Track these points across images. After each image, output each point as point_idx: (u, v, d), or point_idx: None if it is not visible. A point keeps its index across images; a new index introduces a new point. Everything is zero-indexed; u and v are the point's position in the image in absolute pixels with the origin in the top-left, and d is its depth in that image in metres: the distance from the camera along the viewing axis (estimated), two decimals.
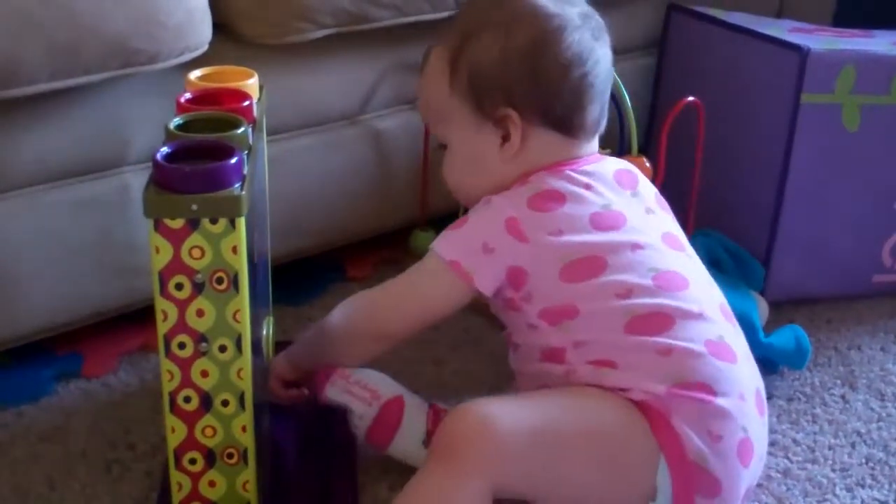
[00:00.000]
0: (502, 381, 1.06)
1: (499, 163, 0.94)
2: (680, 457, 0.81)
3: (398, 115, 1.31)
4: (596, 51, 0.95)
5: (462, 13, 1.00)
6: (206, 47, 1.07)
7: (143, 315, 1.16)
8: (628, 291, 0.86)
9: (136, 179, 1.09)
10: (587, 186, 0.92)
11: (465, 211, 0.98)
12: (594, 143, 0.99)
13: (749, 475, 0.86)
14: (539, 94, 0.93)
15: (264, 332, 0.97)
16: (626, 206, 0.93)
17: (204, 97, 0.91)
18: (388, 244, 1.38)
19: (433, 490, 0.81)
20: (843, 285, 1.33)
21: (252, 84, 0.95)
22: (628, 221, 0.91)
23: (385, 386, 0.98)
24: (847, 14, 1.69)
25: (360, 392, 0.97)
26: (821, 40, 1.29)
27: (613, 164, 0.97)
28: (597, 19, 0.97)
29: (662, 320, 0.85)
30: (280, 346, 1.05)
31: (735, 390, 0.84)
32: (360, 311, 0.97)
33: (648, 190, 0.98)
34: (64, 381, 1.11)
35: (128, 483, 0.96)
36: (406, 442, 0.95)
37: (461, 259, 0.90)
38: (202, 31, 1.05)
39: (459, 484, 0.79)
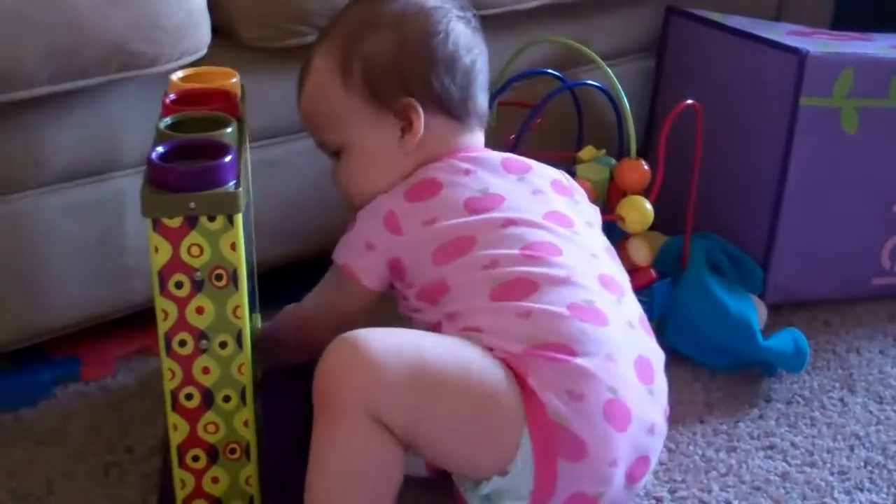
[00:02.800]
0: None
1: (399, 155, 0.96)
2: (539, 416, 0.79)
3: None
4: (478, 42, 0.99)
5: (340, 18, 1.00)
6: (204, 50, 1.07)
7: (140, 318, 1.16)
8: (494, 262, 0.87)
9: (135, 183, 1.09)
10: (466, 172, 0.94)
11: None
12: (481, 139, 1.01)
13: (629, 442, 0.82)
14: (436, 79, 0.95)
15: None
16: (508, 189, 0.93)
17: (188, 97, 0.92)
18: None
19: (323, 439, 0.80)
20: (842, 288, 1.33)
21: (234, 84, 0.96)
22: (506, 202, 0.92)
23: None
24: (845, 17, 1.69)
25: None
26: (819, 43, 1.29)
27: (502, 154, 0.98)
28: (473, 14, 1.01)
29: (526, 285, 0.85)
30: None
31: (601, 351, 0.82)
32: (286, 329, 1.01)
33: (543, 175, 0.97)
34: (62, 385, 1.11)
35: (126, 486, 0.96)
36: None
37: (350, 260, 0.93)
38: (201, 35, 1.06)
39: (341, 419, 0.78)
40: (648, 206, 1.14)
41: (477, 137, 1.00)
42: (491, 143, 1.37)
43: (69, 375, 1.12)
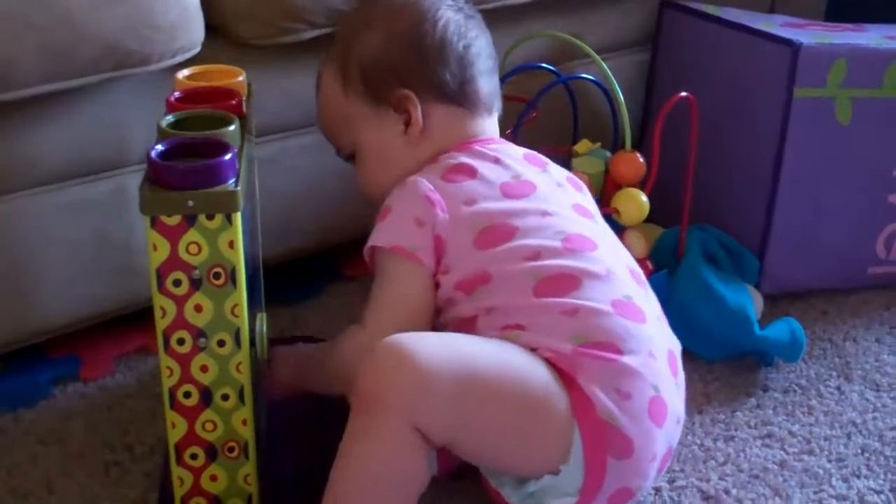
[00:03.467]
0: None
1: (407, 148, 0.96)
2: (589, 416, 0.80)
3: None
4: (472, 28, 0.99)
5: (338, 24, 1.04)
6: (198, 48, 1.07)
7: (140, 317, 1.16)
8: (536, 254, 0.87)
9: (132, 181, 1.09)
10: (495, 160, 0.94)
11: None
12: (495, 125, 1.01)
13: (665, 436, 0.84)
14: (428, 67, 0.96)
15: (257, 329, 0.98)
16: (536, 178, 0.95)
17: (194, 96, 0.92)
18: None
19: (357, 442, 0.79)
20: (838, 278, 1.33)
21: (240, 82, 0.96)
22: (538, 190, 0.93)
23: None
24: (839, 9, 1.70)
25: None
26: (812, 34, 1.29)
27: (521, 149, 0.99)
28: (466, 2, 1.02)
29: (569, 281, 0.85)
30: (274, 342, 1.05)
31: (644, 348, 0.83)
32: (352, 356, 0.88)
33: (559, 171, 0.99)
34: (61, 384, 1.11)
35: (126, 485, 0.97)
36: None
37: (401, 241, 0.90)
38: (195, 33, 1.06)
39: (380, 424, 0.78)
40: (644, 198, 1.15)
41: (489, 125, 1.00)
42: None
43: (68, 375, 1.12)
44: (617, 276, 0.88)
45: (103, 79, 1.00)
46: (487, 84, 0.99)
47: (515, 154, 0.97)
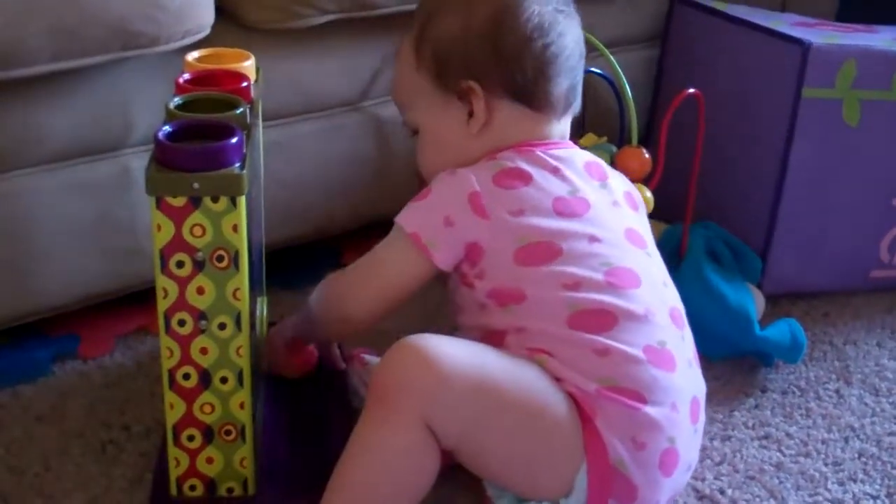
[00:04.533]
0: None
1: (466, 139, 0.93)
2: (600, 459, 0.80)
3: None
4: (560, 23, 0.94)
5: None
6: (207, 31, 1.07)
7: (140, 297, 1.16)
8: (577, 284, 0.85)
9: (136, 162, 1.09)
10: (555, 170, 0.91)
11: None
12: (565, 126, 0.97)
13: (671, 484, 0.85)
14: (500, 64, 0.92)
15: (258, 313, 0.98)
16: (592, 195, 0.91)
17: (202, 78, 0.92)
18: (385, 232, 1.38)
19: (370, 430, 0.80)
20: (841, 280, 1.33)
21: (249, 66, 0.96)
22: (591, 210, 0.90)
23: None
24: (850, 9, 1.69)
25: (368, 380, 1.00)
26: (822, 34, 1.28)
27: (584, 155, 0.96)
28: None
29: (605, 318, 0.84)
30: (273, 325, 1.06)
31: (668, 400, 0.83)
32: (328, 292, 0.96)
33: (618, 185, 0.96)
34: (60, 362, 1.11)
35: (122, 464, 0.97)
36: None
37: (421, 231, 0.88)
38: (204, 15, 1.05)
39: (397, 416, 0.78)
40: (649, 193, 1.15)
41: (558, 127, 0.96)
42: None
43: (68, 353, 1.12)
44: (655, 318, 0.86)
45: (110, 59, 1.00)
46: (563, 84, 0.94)
47: (577, 163, 0.93)
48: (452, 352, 0.80)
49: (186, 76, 0.91)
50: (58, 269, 1.07)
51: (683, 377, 0.86)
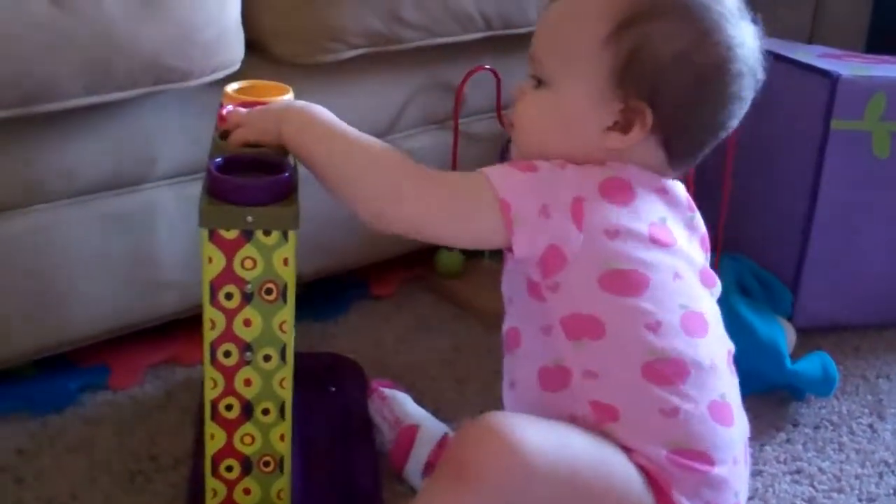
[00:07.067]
0: None
1: (593, 143, 0.83)
2: None
3: (426, 134, 1.32)
4: (745, 106, 0.86)
5: None
6: (237, 65, 1.08)
7: (170, 328, 1.17)
8: (657, 325, 0.80)
9: (165, 195, 1.10)
10: (659, 190, 0.84)
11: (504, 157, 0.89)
12: None
13: None
14: (683, 118, 0.83)
15: None
16: (682, 226, 0.86)
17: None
18: (413, 263, 1.38)
19: (441, 497, 0.75)
20: (872, 313, 1.31)
21: (287, 98, 0.96)
22: (678, 242, 0.84)
23: (407, 413, 1.03)
24: (879, 40, 1.68)
25: (388, 415, 1.03)
26: (851, 66, 1.28)
27: (683, 188, 0.90)
28: (759, 68, 0.87)
29: (677, 369, 0.80)
30: (301, 357, 1.05)
31: (730, 455, 0.81)
32: (388, 169, 0.84)
33: (701, 221, 0.90)
34: (90, 393, 1.12)
35: (150, 495, 0.97)
36: (412, 470, 0.98)
37: (514, 204, 0.80)
38: (234, 50, 1.07)
39: (471, 496, 0.74)
40: None
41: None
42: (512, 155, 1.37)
43: (97, 383, 1.13)
44: (718, 368, 0.83)
45: (142, 93, 1.01)
46: (704, 153, 0.87)
47: (679, 189, 0.87)
48: (536, 438, 0.75)
49: (230, 107, 0.91)
50: (86, 301, 1.08)
51: (738, 428, 0.84)
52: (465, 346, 1.24)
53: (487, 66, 1.29)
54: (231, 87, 0.96)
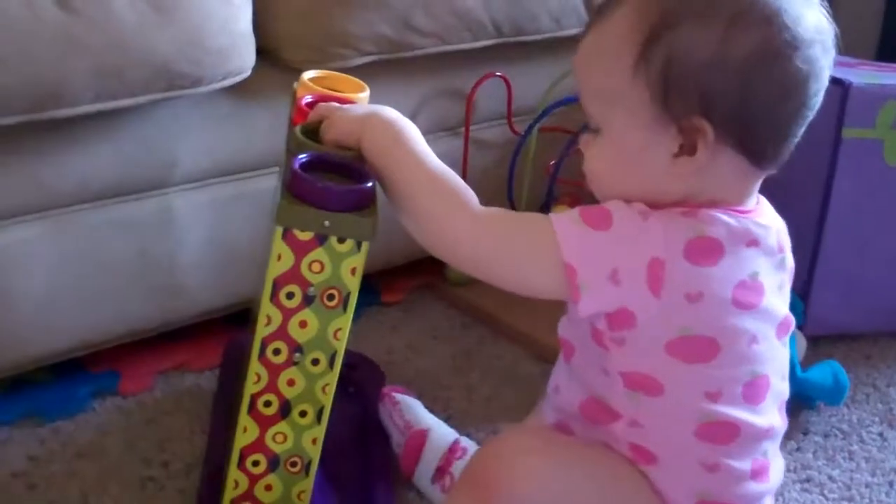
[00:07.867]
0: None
1: (667, 176, 0.76)
2: None
3: (437, 141, 1.32)
4: (822, 76, 0.77)
5: None
6: (248, 72, 1.08)
7: (181, 334, 1.17)
8: (717, 394, 0.76)
9: (178, 201, 1.11)
10: (751, 243, 0.77)
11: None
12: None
13: None
14: (745, 117, 0.74)
15: None
16: (770, 278, 0.79)
17: (321, 101, 0.88)
18: (422, 270, 1.38)
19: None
20: (883, 321, 1.31)
21: (364, 97, 0.93)
22: (765, 299, 0.77)
23: (417, 418, 1.03)
24: (891, 49, 1.68)
25: (398, 421, 1.03)
26: (863, 74, 1.28)
27: (777, 221, 0.83)
28: (830, 33, 0.78)
29: (729, 432, 0.77)
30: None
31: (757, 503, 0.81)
32: (451, 209, 0.80)
33: (790, 256, 0.83)
34: (100, 398, 1.12)
35: (161, 500, 0.97)
36: (422, 476, 0.99)
37: (581, 269, 0.74)
38: (245, 57, 1.07)
39: None
40: None
41: (759, 182, 0.81)
42: (530, 170, 1.38)
43: (108, 389, 1.13)
44: (773, 430, 0.80)
45: (153, 99, 1.01)
46: (794, 142, 0.80)
47: (772, 235, 0.80)
48: (555, 456, 0.77)
49: (309, 98, 0.88)
50: (99, 306, 1.08)
51: (773, 482, 0.82)
52: (475, 354, 1.24)
53: (498, 73, 1.29)
54: (308, 76, 0.93)
